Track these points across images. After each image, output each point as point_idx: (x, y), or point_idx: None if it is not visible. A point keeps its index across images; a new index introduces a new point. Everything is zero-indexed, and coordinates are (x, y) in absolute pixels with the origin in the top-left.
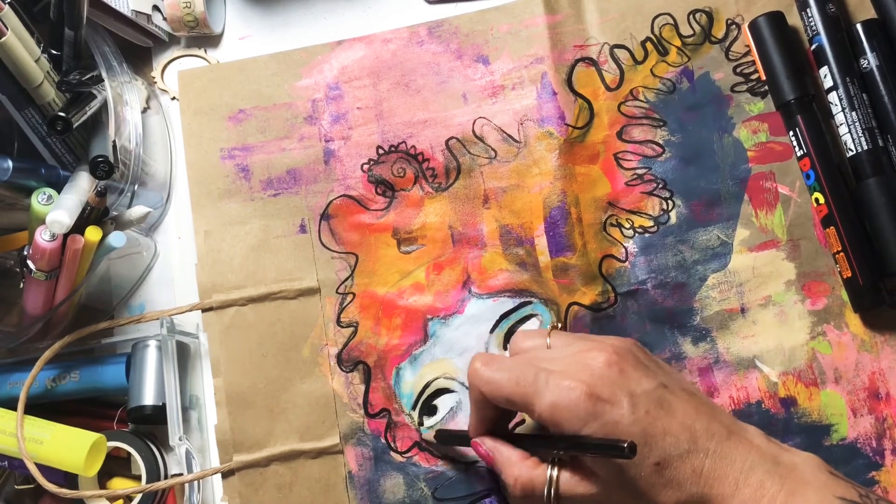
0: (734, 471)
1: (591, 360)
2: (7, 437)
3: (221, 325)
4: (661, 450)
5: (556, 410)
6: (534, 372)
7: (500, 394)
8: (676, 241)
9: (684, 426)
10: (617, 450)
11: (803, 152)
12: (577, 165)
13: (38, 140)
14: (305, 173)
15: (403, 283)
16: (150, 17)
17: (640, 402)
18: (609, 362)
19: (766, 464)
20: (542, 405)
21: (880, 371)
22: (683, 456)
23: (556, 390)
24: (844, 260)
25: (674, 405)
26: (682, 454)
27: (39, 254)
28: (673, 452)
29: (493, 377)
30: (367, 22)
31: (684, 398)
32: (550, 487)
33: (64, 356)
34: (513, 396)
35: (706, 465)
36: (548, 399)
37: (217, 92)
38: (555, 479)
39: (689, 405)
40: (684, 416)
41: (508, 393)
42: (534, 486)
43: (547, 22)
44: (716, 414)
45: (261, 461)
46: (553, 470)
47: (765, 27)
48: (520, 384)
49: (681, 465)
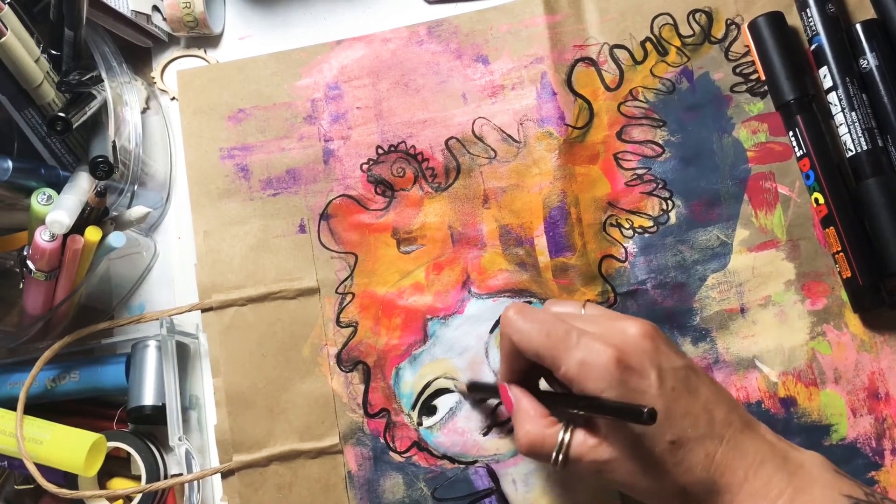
0: (745, 463)
1: (626, 327)
2: (7, 437)
3: (221, 325)
4: (680, 429)
5: (583, 369)
6: (566, 328)
7: (530, 345)
8: (676, 241)
9: (705, 410)
10: (637, 414)
11: (803, 152)
12: (577, 165)
13: (38, 140)
14: (305, 173)
15: (403, 283)
16: (149, 17)
17: (667, 378)
18: (644, 333)
19: (777, 459)
20: (571, 362)
21: (880, 371)
22: (699, 439)
23: (587, 350)
24: (844, 260)
25: (699, 388)
26: (699, 437)
27: (39, 254)
28: (690, 434)
29: (524, 327)
30: (367, 22)
31: (708, 383)
32: (560, 450)
33: (64, 356)
34: (542, 349)
35: (719, 452)
36: (577, 357)
37: (216, 91)
38: (566, 442)
39: (712, 391)
40: (706, 400)
41: (538, 345)
42: (543, 445)
43: (547, 22)
44: (735, 405)
45: (260, 461)
46: (566, 434)
47: (764, 27)
48: (550, 338)
49: (695, 448)
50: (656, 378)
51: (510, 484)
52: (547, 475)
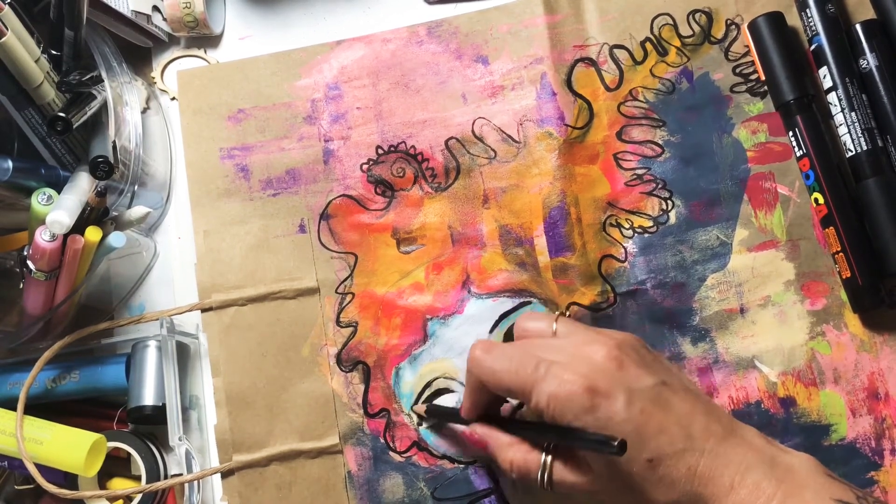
0: (730, 471)
1: (592, 352)
2: (7, 438)
3: (221, 325)
4: (656, 447)
5: (553, 402)
6: (534, 362)
7: (499, 384)
8: (676, 241)
9: (681, 425)
10: (607, 446)
11: (802, 153)
12: (577, 166)
13: (38, 140)
14: (305, 173)
15: (403, 283)
16: (149, 17)
17: (636, 399)
18: (610, 356)
19: (763, 465)
20: (541, 396)
21: (879, 371)
22: (678, 454)
23: (555, 382)
24: (844, 260)
25: (672, 403)
26: (677, 452)
27: (39, 254)
28: (667, 450)
29: (493, 366)
30: (367, 22)
31: (683, 396)
32: (544, 472)
33: (64, 356)
34: (512, 386)
35: (701, 464)
36: (546, 390)
37: (216, 92)
38: (549, 464)
39: (688, 403)
40: (681, 414)
41: (508, 383)
42: (529, 470)
43: (546, 22)
44: (715, 413)
45: (260, 461)
46: (547, 456)
47: (764, 27)
48: (519, 374)
49: (675, 464)
50: (624, 401)
51: (510, 484)
52: None
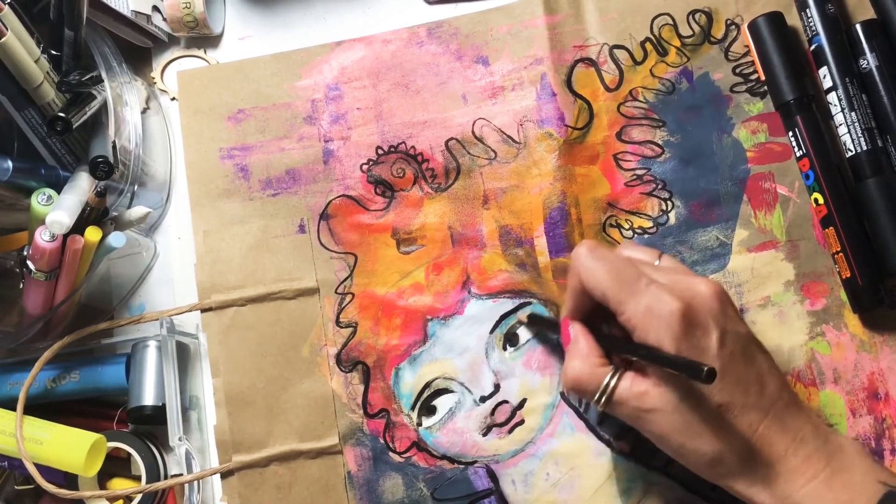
0: (786, 439)
1: (697, 284)
2: (7, 438)
3: (221, 325)
4: (729, 394)
5: (647, 317)
6: (636, 273)
7: (598, 285)
8: (675, 241)
9: (758, 381)
10: (696, 371)
11: (802, 153)
12: (577, 166)
13: (38, 140)
14: (304, 173)
15: (403, 283)
16: (149, 17)
17: (728, 341)
18: (714, 294)
19: (817, 440)
20: (636, 308)
21: (879, 371)
22: (746, 407)
23: (654, 298)
24: (843, 260)
25: (756, 357)
26: (746, 406)
27: (39, 254)
28: (739, 401)
29: (594, 266)
30: (367, 22)
31: (766, 356)
32: (605, 392)
33: (64, 356)
34: (609, 290)
35: (763, 424)
36: (643, 303)
37: (216, 92)
38: (611, 386)
39: (768, 364)
40: (761, 371)
41: (606, 286)
42: (589, 383)
43: (546, 22)
44: (785, 383)
45: (260, 461)
46: (613, 378)
47: (764, 27)
48: (619, 280)
49: (741, 415)
50: (718, 339)
51: (509, 484)
52: (546, 475)
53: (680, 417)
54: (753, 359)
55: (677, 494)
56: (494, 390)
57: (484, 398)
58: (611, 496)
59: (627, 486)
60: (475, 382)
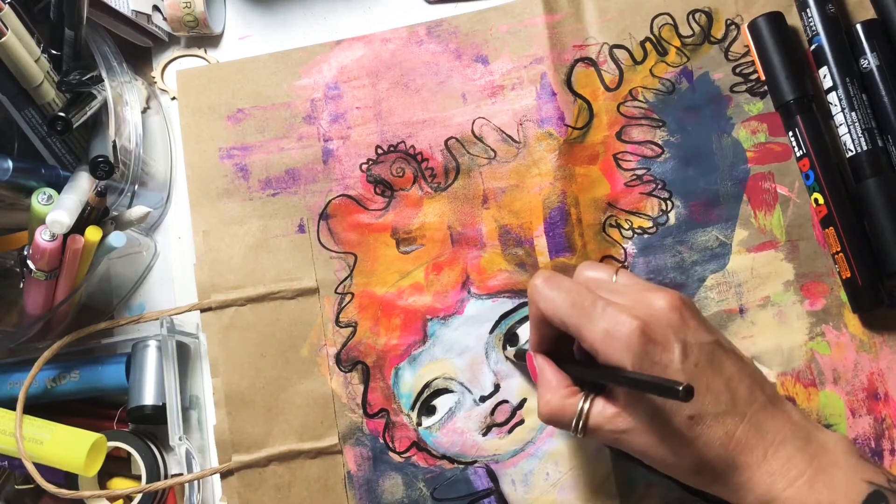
0: (765, 441)
1: (654, 299)
2: (7, 437)
3: (220, 325)
4: (700, 404)
5: (606, 339)
6: (591, 298)
7: (555, 314)
8: (675, 241)
9: (728, 387)
10: (672, 392)
11: (802, 153)
12: (577, 166)
13: (38, 140)
14: (304, 173)
15: (402, 283)
16: (150, 17)
17: (691, 353)
18: (672, 306)
19: (798, 440)
20: (594, 332)
21: (879, 371)
22: (719, 416)
23: (611, 320)
24: (843, 260)
25: (723, 364)
26: (719, 414)
27: (39, 254)
28: (710, 410)
29: (551, 295)
30: (367, 22)
31: (734, 360)
32: (580, 419)
33: (64, 356)
34: (567, 318)
35: (739, 429)
36: (601, 327)
37: (216, 91)
38: (585, 411)
39: (737, 367)
40: (730, 376)
41: (563, 314)
42: (563, 414)
43: (546, 22)
44: (759, 381)
45: (260, 461)
46: (586, 403)
47: (764, 27)
48: (576, 307)
49: (714, 424)
50: (680, 352)
51: (509, 484)
52: (546, 475)
53: (655, 434)
54: (721, 366)
55: (677, 494)
56: (494, 390)
57: (484, 398)
58: (610, 496)
59: (627, 485)
60: (475, 382)
